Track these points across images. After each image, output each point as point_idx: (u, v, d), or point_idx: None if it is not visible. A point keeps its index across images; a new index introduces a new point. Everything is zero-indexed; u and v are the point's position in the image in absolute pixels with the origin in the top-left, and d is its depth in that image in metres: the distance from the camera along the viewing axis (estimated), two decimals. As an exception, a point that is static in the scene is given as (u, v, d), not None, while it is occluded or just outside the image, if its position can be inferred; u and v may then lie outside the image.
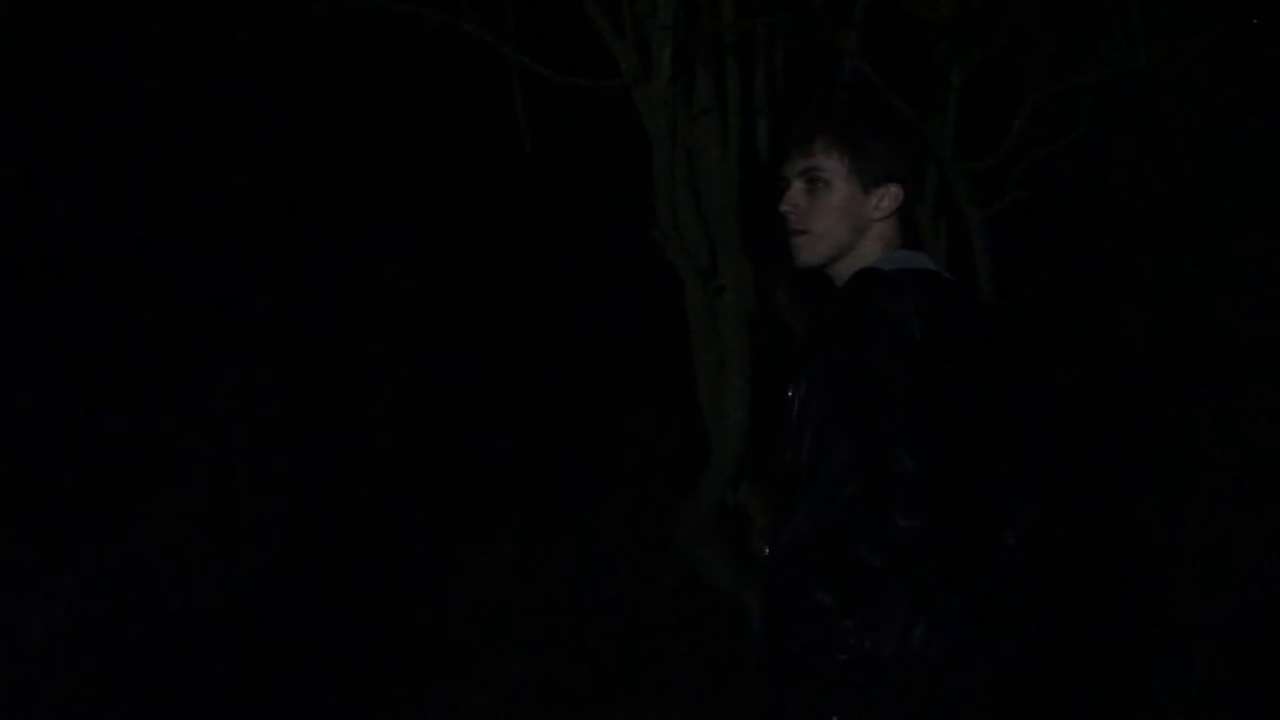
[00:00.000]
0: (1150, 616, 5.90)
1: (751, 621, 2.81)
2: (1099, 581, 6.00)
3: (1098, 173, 6.08)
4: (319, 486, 7.27)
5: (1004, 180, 4.98)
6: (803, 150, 2.86)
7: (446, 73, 7.08)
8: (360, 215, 7.95)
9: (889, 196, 2.81)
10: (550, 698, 5.65)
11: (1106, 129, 5.23)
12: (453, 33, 4.84)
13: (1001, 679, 2.71)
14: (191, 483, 6.80)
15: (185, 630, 6.02)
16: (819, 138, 2.83)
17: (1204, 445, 6.22)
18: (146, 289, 7.21)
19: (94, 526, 6.47)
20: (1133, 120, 5.65)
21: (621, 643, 5.75)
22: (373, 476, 7.67)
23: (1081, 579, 5.99)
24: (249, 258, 7.50)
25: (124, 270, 7.16)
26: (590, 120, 5.72)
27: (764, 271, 4.83)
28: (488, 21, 4.75)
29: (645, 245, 4.89)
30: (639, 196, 4.91)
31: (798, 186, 2.84)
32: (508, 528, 6.62)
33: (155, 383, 7.05)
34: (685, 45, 4.70)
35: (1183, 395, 6.33)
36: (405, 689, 5.85)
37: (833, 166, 2.82)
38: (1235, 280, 6.33)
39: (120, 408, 6.90)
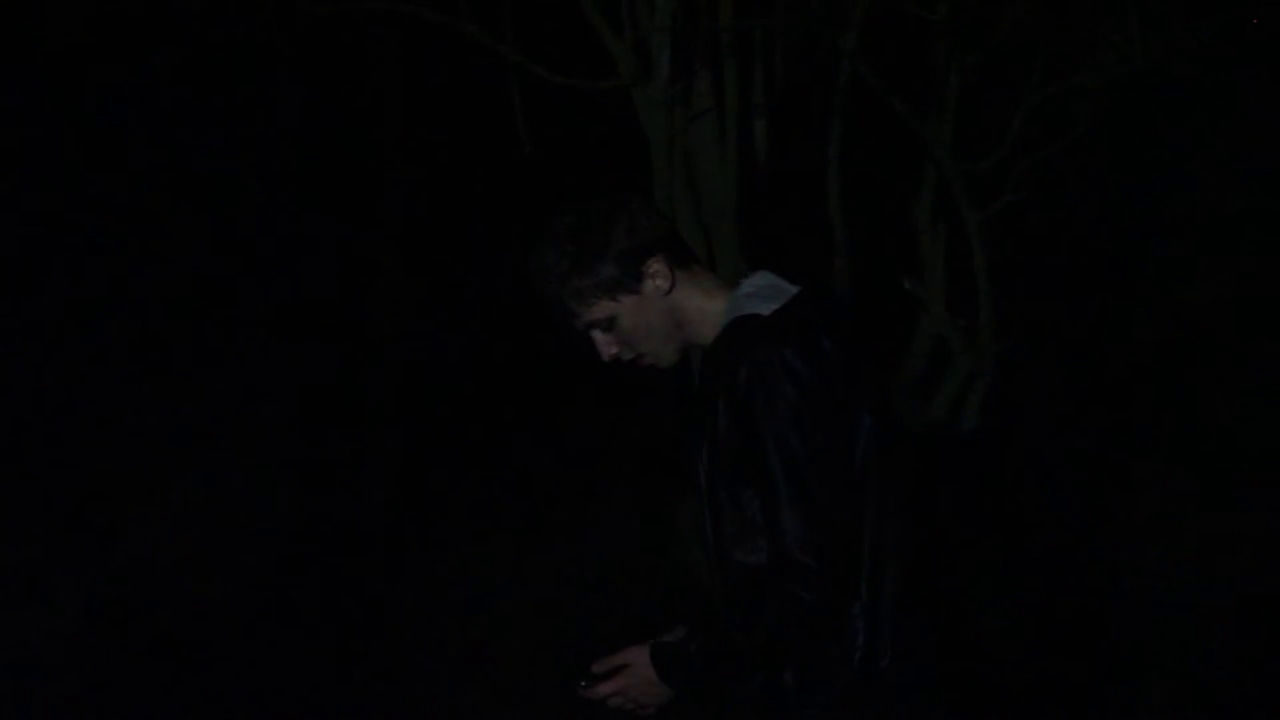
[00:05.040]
0: (1149, 616, 5.90)
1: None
2: (1098, 581, 6.01)
3: (1095, 174, 6.08)
4: (318, 485, 7.27)
5: (1002, 182, 4.98)
6: (572, 321, 2.76)
7: (446, 74, 7.09)
8: (359, 214, 7.96)
9: (658, 275, 2.72)
10: (549, 698, 5.65)
11: (1104, 131, 5.24)
12: (452, 34, 4.85)
13: (932, 694, 2.73)
14: (191, 482, 6.80)
15: (185, 630, 6.03)
16: (566, 304, 2.74)
17: (1203, 445, 6.22)
18: (146, 288, 7.22)
19: (94, 526, 6.47)
20: (1130, 122, 5.65)
21: (620, 644, 5.75)
22: (372, 475, 7.68)
23: (1080, 579, 6.00)
24: (249, 256, 7.50)
25: (123, 270, 7.17)
26: (588, 121, 5.73)
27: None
28: (486, 23, 4.76)
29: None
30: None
31: (598, 337, 2.76)
32: (507, 527, 6.62)
33: (155, 382, 7.05)
34: (683, 46, 4.71)
35: (1182, 395, 6.34)
36: (404, 689, 5.85)
37: (598, 308, 2.73)
38: (1234, 281, 6.33)
39: (120, 407, 6.90)
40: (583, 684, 2.82)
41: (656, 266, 2.74)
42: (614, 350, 2.78)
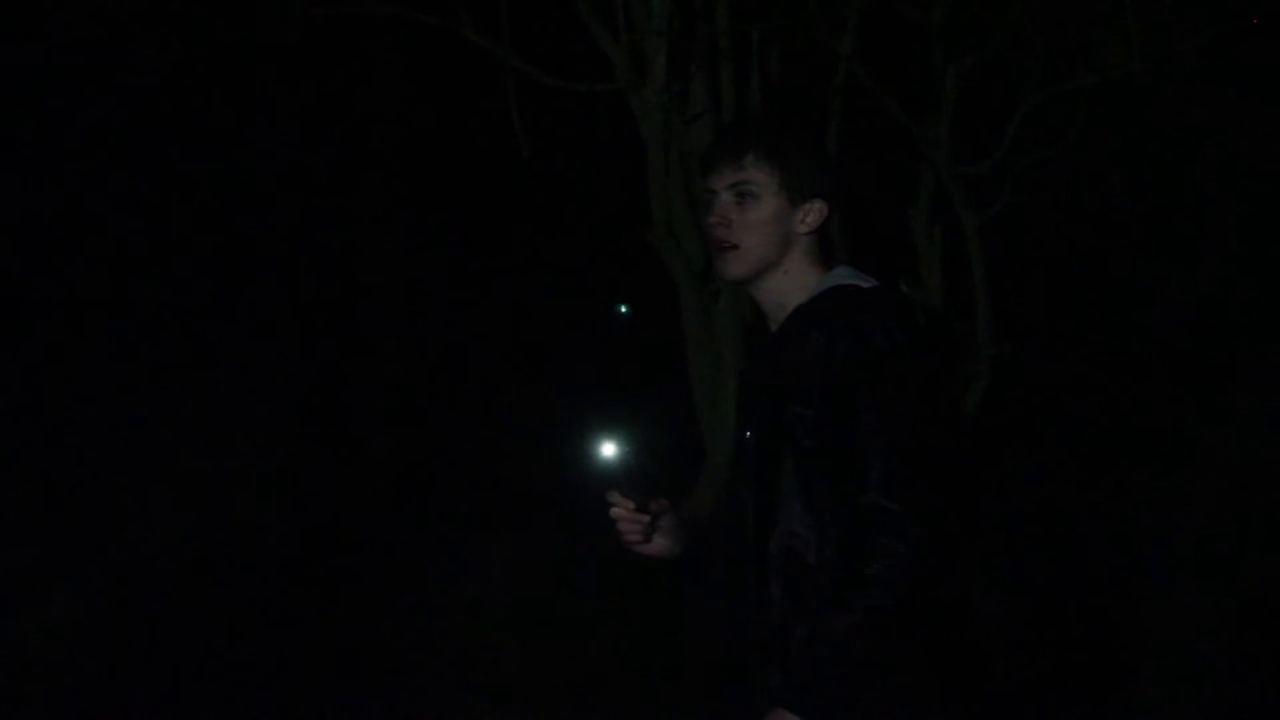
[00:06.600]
0: (1148, 616, 5.90)
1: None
2: (1097, 581, 6.01)
3: (1093, 177, 6.08)
4: (316, 487, 7.28)
5: (999, 184, 4.98)
6: (733, 163, 2.81)
7: (444, 76, 7.09)
8: (358, 217, 7.97)
9: (814, 212, 2.79)
10: (547, 698, 5.66)
11: (1102, 133, 5.24)
12: (450, 37, 4.86)
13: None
14: (189, 483, 6.81)
15: (185, 630, 6.04)
16: (750, 151, 2.80)
17: (1201, 445, 6.22)
18: (145, 290, 7.23)
19: (94, 526, 6.48)
20: (1128, 124, 5.64)
21: (618, 644, 5.75)
22: (369, 476, 7.68)
23: (1079, 578, 6.00)
24: (247, 259, 7.51)
25: (122, 271, 7.18)
26: (586, 124, 5.73)
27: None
28: (484, 26, 4.77)
29: (641, 248, 4.91)
30: (634, 200, 4.93)
31: (726, 199, 2.80)
32: (504, 529, 6.63)
33: (153, 384, 7.06)
34: (680, 49, 4.72)
35: (1179, 395, 6.33)
36: (404, 689, 5.86)
37: (763, 180, 2.80)
38: (1231, 282, 6.32)
39: (120, 407, 6.91)
40: None
41: (819, 207, 2.82)
42: (723, 221, 2.80)
